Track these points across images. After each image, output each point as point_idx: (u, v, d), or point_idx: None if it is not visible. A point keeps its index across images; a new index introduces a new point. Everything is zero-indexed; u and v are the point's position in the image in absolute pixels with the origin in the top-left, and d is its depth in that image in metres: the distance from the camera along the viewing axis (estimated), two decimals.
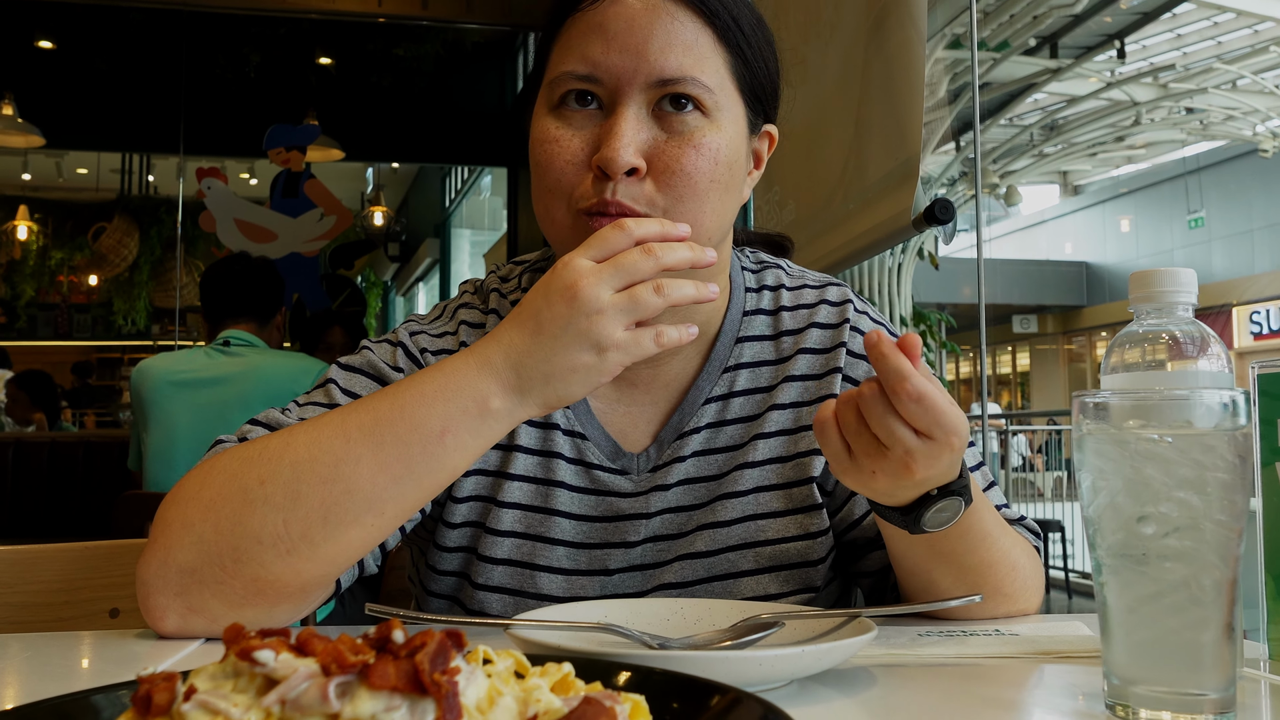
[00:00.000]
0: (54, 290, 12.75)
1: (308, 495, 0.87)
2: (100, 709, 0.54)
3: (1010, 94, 10.76)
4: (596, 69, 0.97)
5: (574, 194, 0.98)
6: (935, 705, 0.70)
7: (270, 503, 0.87)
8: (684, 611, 0.87)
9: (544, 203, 1.01)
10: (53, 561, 1.25)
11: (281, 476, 0.87)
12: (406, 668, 0.44)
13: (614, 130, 0.96)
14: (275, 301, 3.29)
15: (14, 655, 0.89)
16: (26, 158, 11.37)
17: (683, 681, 0.58)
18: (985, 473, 1.11)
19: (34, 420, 6.92)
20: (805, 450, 1.08)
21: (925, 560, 0.97)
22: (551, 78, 1.01)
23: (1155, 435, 0.64)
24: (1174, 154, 17.40)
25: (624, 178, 0.96)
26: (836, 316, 1.12)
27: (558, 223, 1.00)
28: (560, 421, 1.08)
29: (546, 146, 0.99)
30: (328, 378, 1.07)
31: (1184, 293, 0.71)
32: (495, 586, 1.06)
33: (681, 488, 1.08)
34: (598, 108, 0.99)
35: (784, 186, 3.01)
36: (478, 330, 1.12)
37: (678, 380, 1.11)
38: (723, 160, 1.00)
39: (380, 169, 12.88)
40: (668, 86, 0.97)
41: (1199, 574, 0.63)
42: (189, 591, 0.88)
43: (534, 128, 1.02)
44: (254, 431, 1.00)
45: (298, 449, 0.88)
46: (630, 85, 0.97)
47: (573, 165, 0.98)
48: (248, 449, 0.91)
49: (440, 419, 0.87)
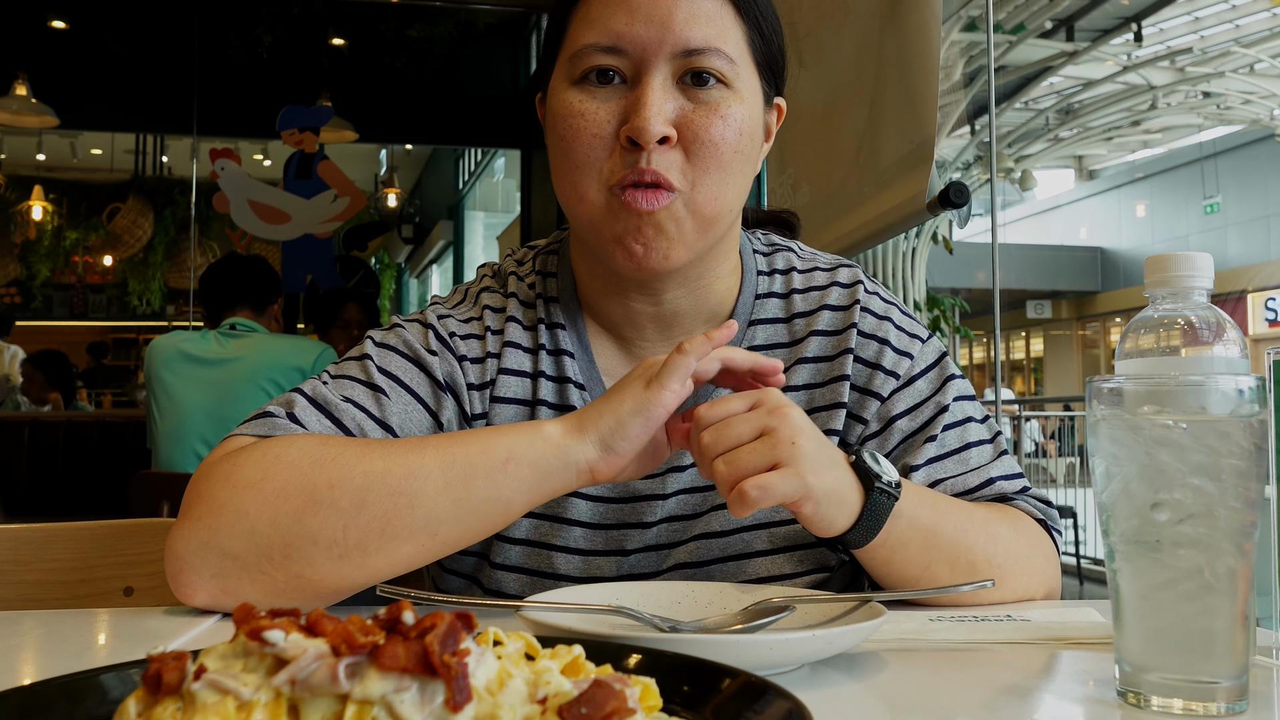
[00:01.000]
0: (69, 270, 12.79)
1: (373, 505, 0.87)
2: (111, 687, 0.54)
3: (1026, 77, 10.68)
4: (621, 40, 0.98)
5: (603, 169, 0.99)
6: (946, 690, 0.70)
7: (336, 507, 0.86)
8: (695, 595, 0.87)
9: (570, 178, 1.01)
10: (68, 540, 1.26)
11: (353, 483, 0.87)
12: (416, 649, 0.44)
13: (643, 100, 0.97)
14: (269, 291, 3.48)
15: (29, 631, 0.90)
16: (41, 138, 11.41)
17: (693, 665, 0.58)
18: (999, 443, 1.11)
19: (50, 400, 6.97)
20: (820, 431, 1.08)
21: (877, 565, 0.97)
22: (573, 51, 1.00)
23: (1170, 421, 0.63)
24: (1190, 139, 17.26)
25: (656, 146, 0.97)
26: (847, 298, 1.12)
27: (587, 200, 1.00)
28: (577, 403, 1.08)
29: (572, 121, 0.99)
30: (363, 352, 1.06)
31: (1200, 277, 0.70)
32: (513, 566, 1.07)
33: (697, 469, 1.08)
34: (620, 83, 0.99)
35: (798, 169, 3.00)
36: (499, 315, 1.12)
37: None
38: (745, 131, 1.01)
39: (394, 151, 12.88)
40: (692, 58, 0.98)
41: (1212, 561, 0.62)
42: (227, 575, 0.88)
43: (555, 103, 1.02)
44: (298, 402, 0.99)
45: (373, 459, 0.88)
46: (656, 56, 0.97)
47: (600, 139, 0.98)
48: (321, 449, 0.90)
49: (507, 447, 0.89)
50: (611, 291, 1.09)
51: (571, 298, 1.13)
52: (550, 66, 1.06)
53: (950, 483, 1.07)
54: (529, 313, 1.13)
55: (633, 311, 1.09)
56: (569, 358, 1.10)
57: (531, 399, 1.08)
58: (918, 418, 1.09)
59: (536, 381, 1.08)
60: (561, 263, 1.16)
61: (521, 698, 0.46)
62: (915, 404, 1.09)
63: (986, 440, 1.10)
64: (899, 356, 1.10)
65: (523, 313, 1.12)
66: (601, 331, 1.12)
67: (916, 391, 1.10)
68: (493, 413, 1.07)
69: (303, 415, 0.98)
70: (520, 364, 1.09)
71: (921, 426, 1.08)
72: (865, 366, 1.10)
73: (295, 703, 0.44)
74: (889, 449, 1.08)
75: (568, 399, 1.08)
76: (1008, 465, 1.10)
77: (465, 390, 1.06)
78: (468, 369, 1.07)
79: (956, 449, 1.08)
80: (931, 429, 1.08)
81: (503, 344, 1.09)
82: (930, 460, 1.07)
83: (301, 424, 0.97)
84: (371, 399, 1.01)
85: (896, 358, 1.10)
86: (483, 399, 1.07)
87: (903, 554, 0.95)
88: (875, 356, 1.10)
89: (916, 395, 1.10)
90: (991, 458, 1.10)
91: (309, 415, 0.98)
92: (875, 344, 1.10)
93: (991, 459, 1.09)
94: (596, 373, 1.10)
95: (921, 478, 1.06)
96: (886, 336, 1.11)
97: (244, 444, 0.94)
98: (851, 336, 1.10)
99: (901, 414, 1.09)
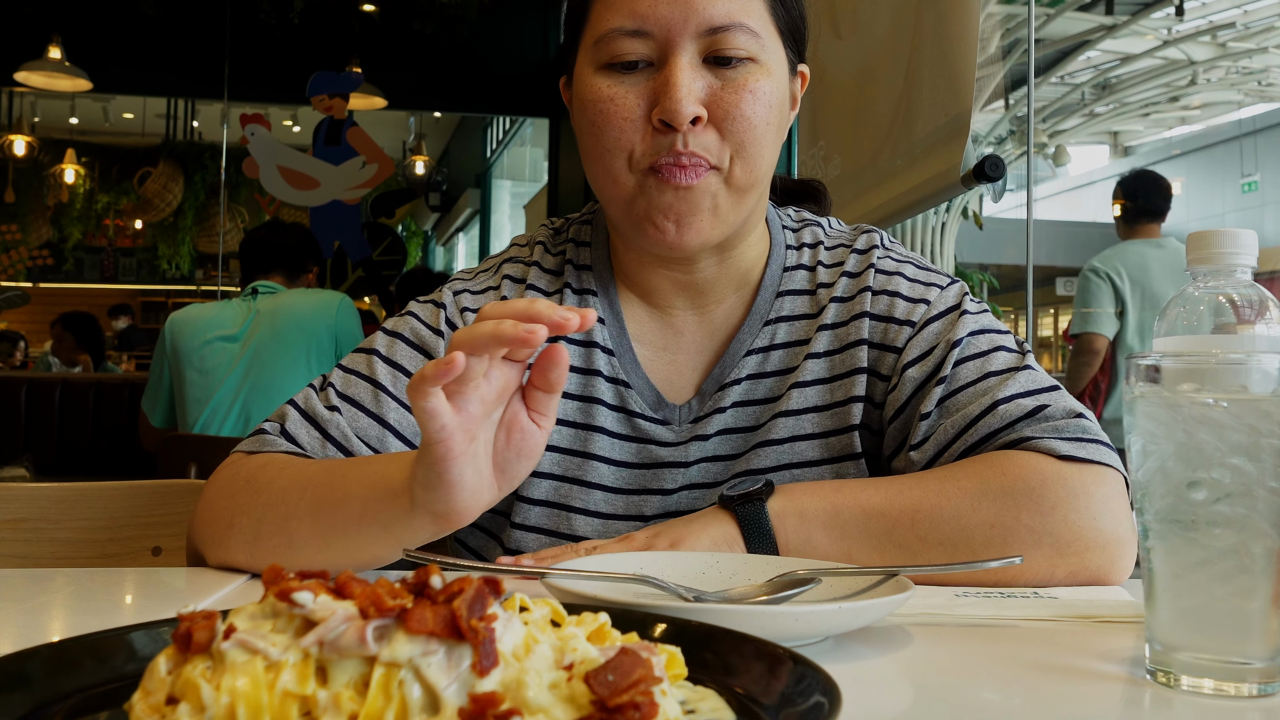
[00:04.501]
0: (100, 234, 12.88)
1: (264, 540, 0.94)
2: (141, 645, 0.55)
3: (1063, 51, 10.51)
4: (645, 22, 0.97)
5: (635, 152, 0.99)
6: (971, 665, 0.69)
7: (242, 535, 0.95)
8: (720, 565, 0.87)
9: (602, 162, 1.01)
10: (98, 499, 1.28)
11: (251, 515, 0.95)
12: (444, 613, 0.44)
13: (672, 80, 0.97)
14: (305, 259, 3.52)
15: (60, 589, 0.91)
16: (74, 102, 11.45)
17: (719, 635, 0.58)
18: (1025, 361, 1.02)
19: (80, 361, 7.04)
20: (843, 399, 1.07)
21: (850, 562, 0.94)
22: (597, 35, 1.00)
23: (1210, 400, 0.62)
24: (1229, 115, 16.95)
25: (689, 127, 0.97)
26: (863, 263, 1.12)
27: (619, 181, 1.01)
28: (604, 369, 1.09)
29: (601, 106, 1.00)
30: (372, 345, 1.10)
31: (1244, 254, 0.69)
32: (533, 526, 1.08)
33: (720, 438, 1.09)
34: (647, 65, 0.99)
35: (830, 140, 2.97)
36: (518, 285, 1.13)
37: (721, 331, 1.12)
38: (775, 104, 1.01)
39: (422, 118, 12.85)
40: (718, 35, 0.98)
41: (1249, 541, 0.61)
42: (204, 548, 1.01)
43: (582, 88, 1.02)
44: (290, 415, 1.05)
45: (275, 496, 0.94)
46: (681, 35, 0.97)
47: (631, 123, 0.99)
48: (255, 471, 0.98)
49: (360, 503, 0.87)
50: (645, 262, 1.10)
51: (605, 265, 1.14)
52: (573, 50, 1.06)
53: (954, 420, 1.00)
54: (553, 280, 1.14)
55: (664, 279, 1.10)
56: (598, 323, 1.10)
57: None
58: (929, 363, 1.04)
59: None
60: (595, 232, 1.16)
61: (548, 664, 0.46)
62: (926, 350, 1.04)
63: (1012, 368, 1.01)
64: (912, 304, 1.07)
65: (545, 280, 1.14)
66: (634, 299, 1.13)
67: (929, 336, 1.05)
68: None
69: (294, 429, 1.04)
70: None
71: (933, 370, 1.03)
72: (879, 322, 1.08)
73: (323, 664, 0.44)
74: (902, 400, 1.04)
75: (593, 363, 1.09)
76: (1023, 382, 0.99)
77: None
78: None
79: (972, 381, 1.01)
80: (942, 370, 1.02)
81: None
82: (940, 401, 1.01)
83: (293, 437, 1.04)
84: (371, 396, 1.05)
85: (910, 306, 1.07)
86: None
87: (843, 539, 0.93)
88: (887, 310, 1.08)
89: (928, 340, 1.05)
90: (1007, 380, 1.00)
91: (299, 429, 1.04)
92: (886, 298, 1.09)
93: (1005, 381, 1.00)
94: (626, 338, 1.11)
95: (928, 425, 1.01)
96: (897, 289, 1.08)
97: (234, 460, 1.03)
98: (866, 299, 1.09)
99: (912, 361, 1.04)
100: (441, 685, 0.43)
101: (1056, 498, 0.91)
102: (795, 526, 0.94)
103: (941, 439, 1.01)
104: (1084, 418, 0.97)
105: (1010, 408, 0.98)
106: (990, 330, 1.05)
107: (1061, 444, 0.94)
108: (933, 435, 1.01)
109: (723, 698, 0.51)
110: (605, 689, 0.43)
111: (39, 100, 11.34)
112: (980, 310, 1.07)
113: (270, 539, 0.93)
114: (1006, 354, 1.03)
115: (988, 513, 0.92)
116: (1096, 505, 0.91)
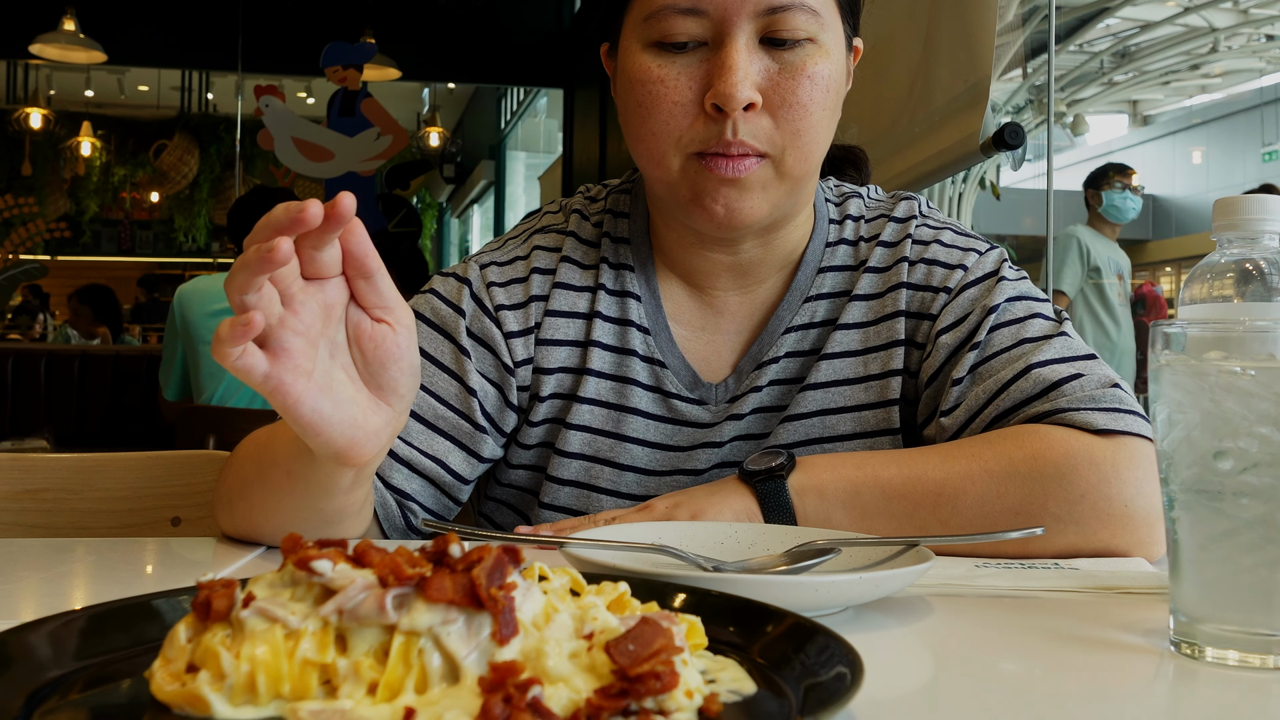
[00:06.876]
0: (117, 206, 12.92)
1: (238, 507, 0.94)
2: (161, 613, 0.55)
3: (1082, 19, 10.37)
4: (701, 1, 0.93)
5: (684, 136, 0.95)
6: (992, 636, 0.69)
7: (222, 504, 0.97)
8: (738, 535, 0.87)
9: (648, 145, 0.97)
10: (117, 470, 1.28)
11: (227, 482, 0.97)
12: (463, 581, 0.44)
13: (727, 64, 0.92)
14: None
15: (80, 559, 0.91)
16: (89, 74, 11.46)
17: (738, 605, 0.58)
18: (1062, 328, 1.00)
19: (98, 334, 7.08)
20: (879, 372, 1.05)
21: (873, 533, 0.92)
22: (649, 11, 0.95)
23: (1238, 368, 0.61)
24: (1251, 84, 16.74)
25: (742, 113, 0.93)
26: (900, 233, 1.09)
27: (665, 164, 0.97)
28: (639, 348, 1.07)
29: (651, 87, 0.95)
30: None
31: (1271, 221, 0.68)
32: (561, 506, 1.07)
33: (754, 416, 1.07)
34: (699, 45, 0.95)
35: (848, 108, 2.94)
36: (551, 254, 1.10)
37: (761, 308, 1.09)
38: (833, 87, 0.98)
39: (436, 89, 12.80)
40: (777, 14, 0.93)
41: (1276, 512, 0.61)
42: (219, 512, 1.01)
43: (630, 65, 0.98)
44: None
45: (239, 458, 0.97)
46: (739, 14, 0.93)
47: (681, 106, 0.95)
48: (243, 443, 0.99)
49: (285, 461, 0.86)
50: (687, 242, 1.07)
51: (643, 240, 1.10)
52: (619, 19, 1.01)
53: (985, 385, 0.98)
54: (590, 252, 1.10)
55: (708, 260, 1.07)
56: (634, 300, 1.08)
57: (584, 339, 1.07)
58: (963, 329, 1.01)
59: (591, 322, 1.07)
60: (635, 203, 1.12)
61: (568, 633, 0.46)
62: (962, 316, 1.02)
63: (1047, 335, 0.98)
64: (949, 270, 1.05)
65: (582, 252, 1.10)
66: (673, 277, 1.10)
67: (964, 301, 1.03)
68: (539, 356, 1.06)
69: None
70: (572, 305, 1.08)
71: (968, 336, 1.01)
72: (916, 291, 1.06)
73: (342, 632, 0.44)
74: (936, 367, 1.02)
75: (628, 342, 1.07)
76: (1058, 348, 0.97)
77: (503, 340, 1.05)
78: (505, 317, 1.06)
79: (1007, 347, 0.99)
80: (976, 335, 1.00)
81: (552, 285, 1.08)
82: (974, 367, 0.99)
83: None
84: None
85: (946, 272, 1.05)
86: (526, 344, 1.06)
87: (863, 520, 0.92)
88: (924, 279, 1.06)
89: (963, 306, 1.03)
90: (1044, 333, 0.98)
91: None
92: (924, 266, 1.06)
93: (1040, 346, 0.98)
94: (663, 317, 1.08)
95: (959, 391, 0.99)
96: (935, 256, 1.06)
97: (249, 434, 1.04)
98: (903, 269, 1.06)
99: (947, 327, 1.02)
100: (461, 654, 0.43)
101: (1086, 484, 0.88)
102: (815, 505, 0.92)
103: (973, 404, 0.98)
104: (1119, 387, 0.94)
105: (1045, 372, 0.95)
106: (1028, 297, 1.02)
107: (1097, 416, 0.91)
108: (964, 401, 0.99)
109: (743, 667, 0.51)
110: (626, 658, 0.43)
111: (54, 73, 11.36)
112: (1019, 277, 1.05)
113: (239, 505, 0.94)
114: (1043, 321, 1.00)
115: (1013, 498, 0.90)
116: (1129, 489, 0.88)
